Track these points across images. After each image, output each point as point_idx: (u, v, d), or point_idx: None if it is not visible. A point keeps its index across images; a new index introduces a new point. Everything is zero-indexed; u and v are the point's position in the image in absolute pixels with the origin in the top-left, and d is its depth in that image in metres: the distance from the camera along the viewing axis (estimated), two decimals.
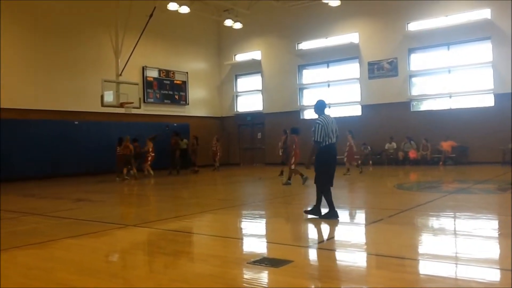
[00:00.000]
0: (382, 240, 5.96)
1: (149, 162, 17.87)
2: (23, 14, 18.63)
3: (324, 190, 7.15)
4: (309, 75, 24.85)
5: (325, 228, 6.77)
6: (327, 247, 5.68)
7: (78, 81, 20.08)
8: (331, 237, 6.36)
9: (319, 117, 7.22)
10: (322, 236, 6.41)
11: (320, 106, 7.42)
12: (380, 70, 22.08)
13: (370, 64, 22.27)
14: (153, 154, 17.99)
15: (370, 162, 21.56)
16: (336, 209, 7.12)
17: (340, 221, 7.07)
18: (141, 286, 4.14)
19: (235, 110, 27.33)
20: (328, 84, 23.88)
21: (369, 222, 7.39)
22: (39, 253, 5.59)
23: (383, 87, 21.80)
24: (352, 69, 23.13)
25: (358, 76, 22.73)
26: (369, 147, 21.69)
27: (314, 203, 7.25)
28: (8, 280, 4.43)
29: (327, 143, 7.07)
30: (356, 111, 22.95)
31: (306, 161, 7.49)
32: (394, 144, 21.16)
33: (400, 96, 21.37)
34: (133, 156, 17.20)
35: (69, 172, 19.24)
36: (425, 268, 4.61)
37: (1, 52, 17.43)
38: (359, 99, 22.72)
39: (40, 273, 4.63)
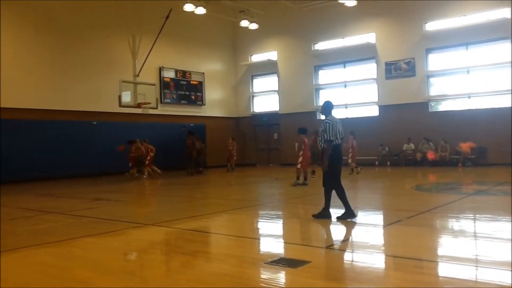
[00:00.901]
0: (400, 241, 5.88)
1: (147, 162, 17.99)
2: (40, 16, 18.90)
3: (333, 191, 7.13)
4: (325, 75, 24.75)
5: (342, 229, 6.72)
6: (344, 248, 5.63)
7: (96, 82, 20.31)
8: (348, 238, 6.31)
9: (327, 118, 7.21)
10: (339, 237, 6.36)
11: (327, 107, 7.38)
12: (397, 70, 21.88)
13: (387, 64, 22.09)
14: (152, 154, 18.04)
15: (388, 163, 21.39)
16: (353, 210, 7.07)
17: (357, 222, 7.02)
18: (158, 286, 4.15)
19: (251, 110, 27.35)
20: (345, 84, 23.77)
21: (387, 224, 7.31)
22: (58, 251, 5.65)
23: (400, 88, 21.61)
24: (369, 69, 22.99)
25: (375, 76, 22.56)
26: (386, 147, 21.52)
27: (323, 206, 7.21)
28: (28, 277, 4.49)
29: (335, 143, 7.08)
30: (373, 111, 22.79)
31: (323, 163, 7.40)
32: (412, 145, 20.94)
33: (418, 97, 21.15)
34: (144, 156, 17.43)
35: (86, 172, 19.44)
36: (444, 270, 4.53)
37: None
38: (376, 100, 22.55)
39: (59, 271, 4.68)
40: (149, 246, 6.15)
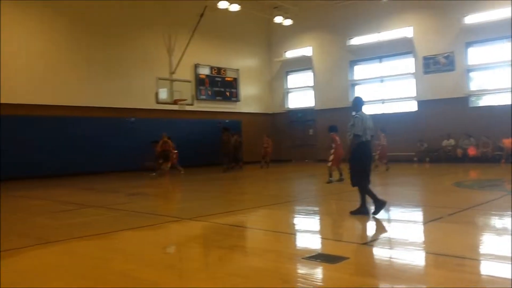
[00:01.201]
0: (441, 239, 5.73)
1: (174, 161, 17.62)
2: (77, 14, 19.36)
3: (362, 187, 7.07)
4: (361, 70, 24.39)
5: (381, 225, 6.60)
6: (383, 244, 5.53)
7: (133, 79, 20.71)
8: (387, 234, 6.19)
9: (357, 113, 7.12)
10: (378, 234, 6.26)
11: (358, 103, 7.29)
12: (436, 64, 21.34)
13: (425, 58, 21.57)
14: (176, 152, 17.77)
15: (427, 159, 20.91)
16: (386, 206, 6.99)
17: (397, 219, 6.89)
18: (198, 278, 4.19)
19: (286, 106, 27.27)
20: (381, 79, 23.36)
21: (427, 220, 7.14)
22: (99, 244, 5.79)
23: (439, 82, 21.06)
24: (406, 64, 22.49)
25: (413, 71, 22.07)
26: (425, 143, 21.04)
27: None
28: (70, 268, 4.62)
29: (363, 139, 6.97)
30: (412, 107, 22.31)
31: (345, 156, 7.41)
32: (452, 141, 20.40)
33: (458, 92, 20.56)
34: (170, 152, 17.21)
35: (124, 168, 19.83)
36: (486, 268, 4.39)
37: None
38: (414, 95, 22.07)
39: (100, 263, 4.79)
40: (187, 240, 6.22)
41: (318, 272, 4.34)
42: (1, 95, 16.94)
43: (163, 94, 18.48)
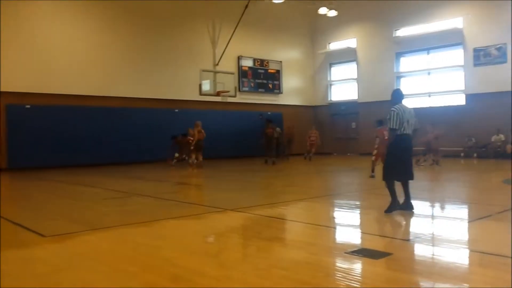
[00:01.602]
0: (488, 237, 5.57)
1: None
2: (126, 8, 19.84)
3: (387, 182, 6.87)
4: (407, 62, 23.81)
5: (425, 222, 6.48)
6: (427, 241, 5.42)
7: (177, 71, 21.07)
8: (432, 231, 6.07)
9: (394, 106, 6.89)
10: (422, 230, 6.14)
11: (397, 96, 7.08)
12: (487, 56, 20.54)
13: (475, 50, 20.80)
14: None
15: (475, 154, 20.24)
16: (430, 202, 6.80)
17: (443, 215, 6.74)
18: (239, 269, 4.27)
19: (329, 99, 27.01)
20: (429, 72, 22.73)
21: (475, 218, 6.95)
22: (146, 231, 5.97)
23: (490, 75, 20.26)
24: (455, 55, 21.77)
25: (462, 63, 21.34)
26: (473, 138, 20.36)
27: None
28: (118, 254, 4.80)
29: (400, 132, 6.73)
30: (460, 100, 21.60)
31: (384, 150, 7.27)
32: (501, 136, 19.64)
33: (510, 85, 19.71)
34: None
35: (169, 157, 20.23)
36: None
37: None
38: (463, 88, 21.35)
39: (148, 249, 4.95)
40: (230, 230, 6.32)
41: (362, 268, 4.31)
42: (57, 87, 17.72)
43: (206, 85, 18.72)
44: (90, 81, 18.74)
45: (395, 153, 6.81)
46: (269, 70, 24.99)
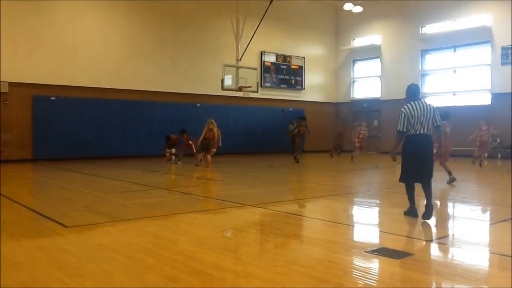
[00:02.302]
0: (510, 240, 5.45)
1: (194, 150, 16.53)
2: (154, 5, 19.99)
3: (406, 186, 6.57)
4: (432, 60, 23.41)
5: (446, 223, 6.37)
6: (450, 243, 5.33)
7: (200, 65, 21.17)
8: (454, 232, 5.97)
9: (405, 105, 6.43)
10: (443, 231, 6.04)
11: (411, 92, 6.56)
12: None
13: (504, 49, 20.32)
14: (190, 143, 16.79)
15: (499, 155, 19.82)
16: (453, 203, 6.66)
17: (465, 217, 6.61)
18: (258, 265, 4.26)
19: (351, 96, 26.77)
20: (454, 70, 22.32)
21: (497, 220, 6.80)
22: (165, 224, 6.02)
23: None
24: (482, 54, 21.31)
25: (489, 61, 20.88)
26: (498, 139, 19.92)
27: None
28: (138, 246, 4.84)
29: (411, 133, 6.34)
30: (485, 99, 21.16)
31: (390, 152, 6.92)
32: None
33: None
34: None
35: (189, 152, 20.37)
36: None
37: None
38: (489, 87, 20.91)
39: (167, 243, 4.99)
40: (249, 225, 6.32)
41: (382, 267, 4.26)
42: (82, 80, 18.02)
43: (229, 80, 18.76)
44: (114, 75, 19.00)
45: (406, 155, 6.49)
46: (292, 66, 24.90)
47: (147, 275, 3.86)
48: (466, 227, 6.30)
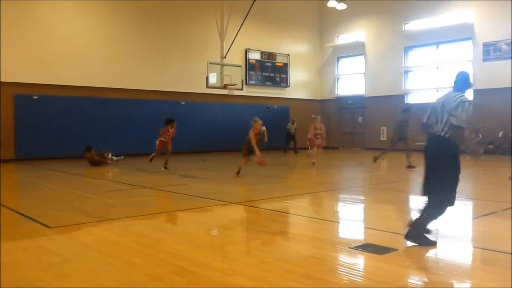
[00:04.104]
0: (493, 234, 5.55)
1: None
2: (136, 4, 19.81)
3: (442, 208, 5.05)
4: (415, 56, 23.63)
5: None
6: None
7: (184, 63, 21.05)
8: (437, 228, 6.05)
9: (461, 94, 5.20)
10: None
11: (458, 82, 5.34)
12: (496, 51, 20.33)
13: (485, 45, 20.59)
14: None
15: (481, 151, 20.09)
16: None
17: (448, 212, 6.67)
18: (244, 262, 4.28)
19: (336, 93, 26.91)
20: (437, 66, 22.57)
21: (480, 215, 6.91)
22: (150, 223, 6.00)
23: (499, 71, 20.07)
24: (465, 50, 21.57)
25: (471, 58, 21.16)
26: (480, 134, 20.22)
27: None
28: (124, 246, 4.83)
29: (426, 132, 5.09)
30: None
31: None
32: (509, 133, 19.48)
33: None
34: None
35: (175, 150, 20.23)
36: None
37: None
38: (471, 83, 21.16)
39: (152, 242, 4.97)
40: (235, 223, 6.33)
41: (366, 263, 4.32)
42: (64, 78, 17.84)
43: (213, 78, 18.70)
44: (97, 73, 18.76)
45: (457, 163, 4.91)
46: (277, 63, 24.92)
47: (132, 274, 3.85)
48: (450, 222, 6.39)
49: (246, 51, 23.49)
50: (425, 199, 5.03)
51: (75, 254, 4.52)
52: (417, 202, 7.04)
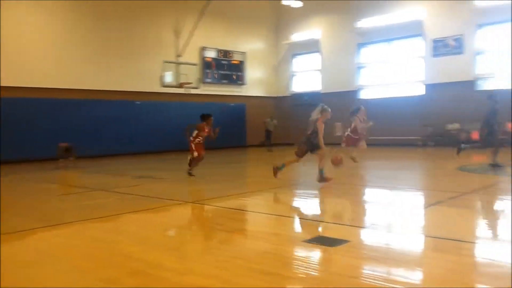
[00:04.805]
0: (441, 223, 5.80)
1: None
2: (89, 2, 19.36)
3: None
4: (368, 53, 24.20)
5: (381, 209, 6.65)
6: (384, 228, 5.59)
7: (139, 62, 20.70)
8: (388, 218, 6.26)
9: None
10: (378, 218, 6.32)
11: None
12: (445, 47, 21.12)
13: (435, 41, 21.34)
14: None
15: (432, 143, 20.86)
16: (387, 190, 6.98)
17: (398, 202, 6.94)
18: (200, 261, 4.29)
19: (292, 89, 27.19)
20: (389, 62, 23.20)
21: (428, 205, 7.19)
22: (104, 226, 5.90)
23: (448, 65, 20.87)
24: (416, 46, 22.27)
25: (422, 54, 21.88)
26: (430, 128, 20.96)
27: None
28: (77, 250, 4.73)
29: None
30: (419, 90, 22.15)
31: None
32: (456, 125, 20.29)
33: (466, 75, 20.38)
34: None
35: (129, 151, 19.97)
36: (485, 251, 4.45)
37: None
38: (423, 78, 21.92)
39: (106, 245, 4.90)
40: (191, 222, 6.33)
41: (318, 255, 4.42)
42: (14, 80, 17.17)
43: (169, 77, 18.55)
44: (48, 73, 18.16)
45: None
46: (233, 61, 24.93)
47: (84, 279, 3.79)
48: (400, 213, 6.62)
49: (202, 49, 23.36)
50: None
51: (27, 261, 4.38)
52: (368, 194, 7.24)
